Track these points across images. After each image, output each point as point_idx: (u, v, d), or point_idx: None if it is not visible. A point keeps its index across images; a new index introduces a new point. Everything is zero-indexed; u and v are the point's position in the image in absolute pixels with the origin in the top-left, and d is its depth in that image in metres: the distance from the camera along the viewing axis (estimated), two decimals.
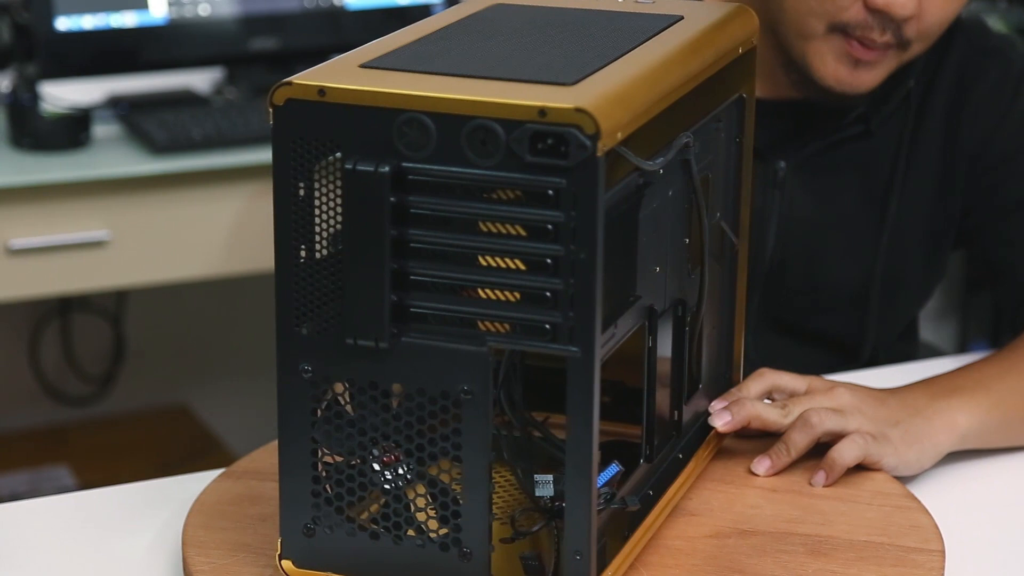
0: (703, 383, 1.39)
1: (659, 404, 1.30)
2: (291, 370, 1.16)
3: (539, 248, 1.10)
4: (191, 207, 2.58)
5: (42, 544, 1.34)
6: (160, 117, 2.62)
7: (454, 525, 1.15)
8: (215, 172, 2.56)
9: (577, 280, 1.09)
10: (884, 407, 1.42)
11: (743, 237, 1.41)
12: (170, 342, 3.20)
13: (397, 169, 1.11)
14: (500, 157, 1.09)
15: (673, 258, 1.29)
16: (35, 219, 2.51)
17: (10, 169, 2.50)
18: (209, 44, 2.73)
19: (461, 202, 1.11)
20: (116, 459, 3.03)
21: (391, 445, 1.15)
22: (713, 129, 1.34)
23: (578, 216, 1.08)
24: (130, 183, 2.54)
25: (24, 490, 2.91)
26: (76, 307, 3.10)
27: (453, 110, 1.09)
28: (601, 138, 1.07)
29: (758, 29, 1.38)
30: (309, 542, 1.19)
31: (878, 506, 1.34)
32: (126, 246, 2.56)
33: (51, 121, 2.56)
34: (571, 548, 1.13)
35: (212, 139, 2.58)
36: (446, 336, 1.13)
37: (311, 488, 1.18)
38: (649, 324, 1.25)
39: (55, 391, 3.12)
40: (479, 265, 1.12)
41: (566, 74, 1.14)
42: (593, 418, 1.11)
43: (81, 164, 2.53)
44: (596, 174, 1.07)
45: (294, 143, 1.14)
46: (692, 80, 1.25)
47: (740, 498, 1.35)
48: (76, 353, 3.13)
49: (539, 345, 1.11)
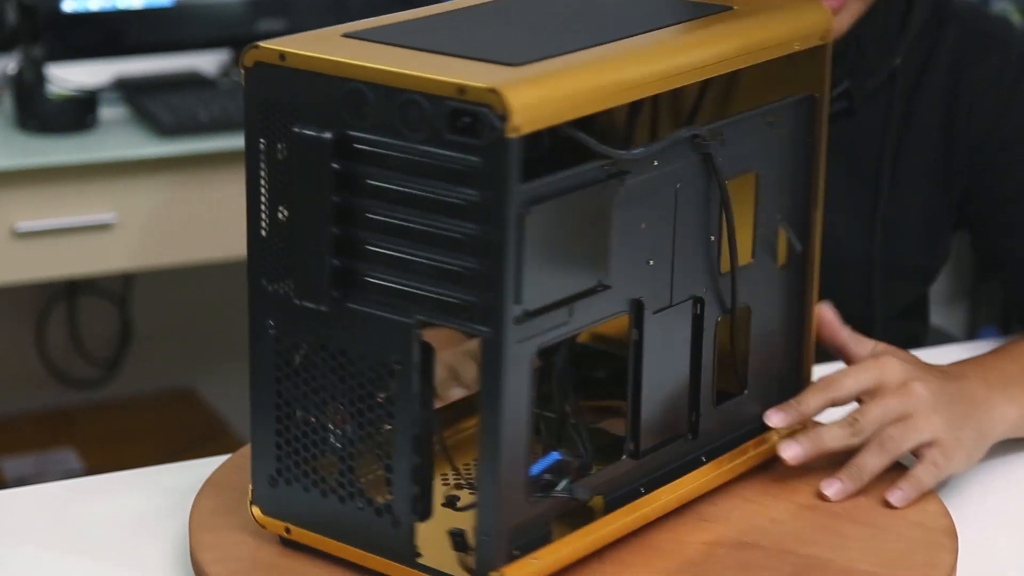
0: (750, 388, 1.34)
1: (664, 401, 1.27)
2: (259, 325, 1.21)
3: (456, 226, 1.11)
4: (198, 190, 2.58)
5: (49, 528, 1.33)
6: (167, 99, 2.61)
7: (386, 492, 1.17)
8: (222, 155, 2.56)
9: (489, 261, 1.10)
10: (956, 404, 1.37)
11: (814, 242, 1.35)
12: (177, 325, 3.19)
13: (342, 137, 1.14)
14: (426, 132, 1.11)
15: (686, 254, 1.26)
16: (41, 202, 2.50)
17: (16, 151, 2.49)
18: (216, 26, 2.72)
19: (395, 174, 1.13)
20: (123, 443, 3.02)
21: (339, 407, 1.18)
22: (765, 126, 1.29)
23: (491, 196, 1.09)
24: (137, 166, 2.53)
25: (31, 474, 2.91)
26: (83, 290, 3.09)
27: (389, 82, 1.11)
28: (511, 119, 1.07)
29: (829, 25, 1.32)
30: (274, 492, 1.23)
31: (909, 538, 1.28)
32: (133, 229, 2.55)
33: (57, 103, 2.55)
34: (480, 529, 1.14)
35: (219, 121, 2.57)
36: (382, 306, 1.15)
37: (275, 440, 1.22)
38: (636, 317, 1.23)
39: (62, 374, 3.12)
40: (410, 238, 1.13)
41: (523, 55, 1.14)
42: (502, 400, 1.11)
43: (87, 146, 2.52)
44: (507, 155, 1.07)
45: (260, 106, 1.17)
46: (697, 71, 1.22)
47: (767, 509, 1.31)
48: (83, 336, 3.12)
49: (457, 323, 1.12)
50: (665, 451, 1.28)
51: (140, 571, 1.27)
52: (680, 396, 1.28)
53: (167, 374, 3.20)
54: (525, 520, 1.17)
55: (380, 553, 1.19)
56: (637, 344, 1.23)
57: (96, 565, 1.28)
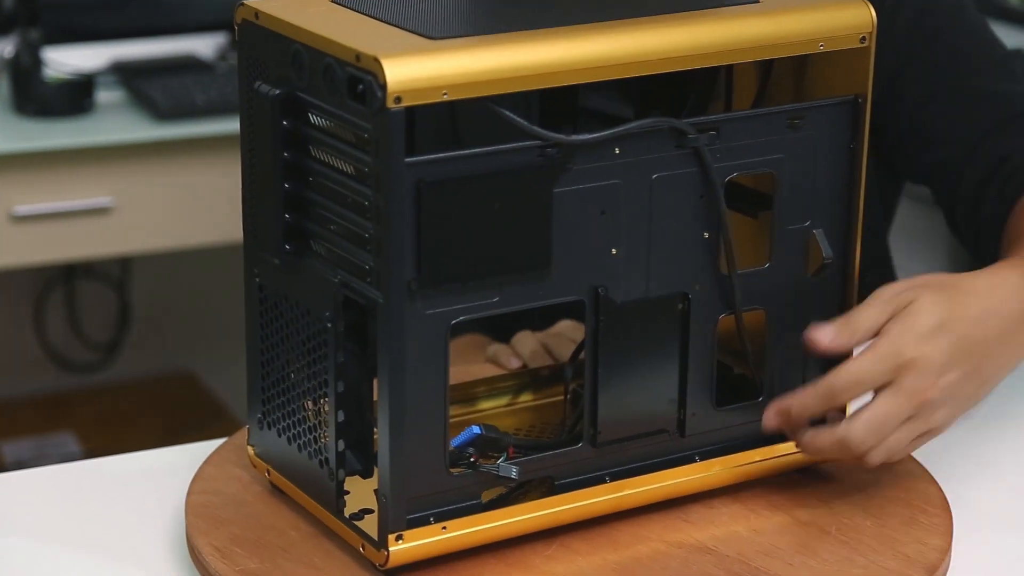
0: (765, 395, 1.29)
1: (637, 394, 1.25)
2: (249, 272, 1.26)
3: (360, 190, 1.14)
4: (195, 173, 2.58)
5: (48, 512, 1.33)
6: (163, 83, 2.61)
7: (323, 447, 1.21)
8: (219, 138, 2.55)
9: (381, 227, 1.12)
10: (970, 356, 1.27)
11: (851, 251, 1.30)
12: (175, 309, 3.19)
13: (290, 95, 1.18)
14: (339, 97, 1.13)
15: (668, 247, 1.23)
16: (39, 186, 2.50)
17: (13, 135, 2.49)
18: (212, 9, 2.72)
19: (324, 136, 1.17)
20: (122, 426, 3.03)
21: (297, 358, 1.22)
22: (785, 126, 1.25)
23: (380, 163, 1.11)
24: (134, 149, 2.53)
25: (29, 457, 2.91)
26: (81, 274, 3.09)
27: (316, 46, 1.15)
28: (389, 89, 1.08)
29: (871, 26, 1.26)
30: (260, 434, 1.28)
31: (879, 569, 1.22)
32: (130, 212, 2.55)
33: (54, 87, 2.55)
34: (381, 491, 1.17)
35: (216, 105, 2.57)
36: (321, 263, 1.19)
37: (260, 385, 1.27)
38: (593, 305, 1.21)
39: (60, 358, 3.12)
40: (335, 200, 1.17)
41: (454, 31, 1.16)
42: (393, 367, 1.13)
43: (84, 130, 2.52)
44: (390, 124, 1.09)
45: (245, 62, 1.22)
46: (673, 60, 1.19)
47: (756, 519, 1.27)
48: (81, 320, 3.12)
49: (363, 287, 1.15)
50: (640, 444, 1.26)
51: (139, 555, 1.27)
52: (661, 391, 1.26)
53: (166, 357, 3.21)
54: (443, 490, 1.18)
55: (322, 503, 1.22)
56: (595, 331, 1.22)
57: (95, 548, 1.28)
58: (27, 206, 2.50)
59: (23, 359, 3.11)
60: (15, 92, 2.55)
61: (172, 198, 2.57)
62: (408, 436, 1.16)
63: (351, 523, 1.20)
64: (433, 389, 1.16)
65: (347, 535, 1.20)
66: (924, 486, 1.33)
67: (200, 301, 3.20)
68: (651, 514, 1.27)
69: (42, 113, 2.54)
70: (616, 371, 1.23)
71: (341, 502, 1.21)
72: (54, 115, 2.54)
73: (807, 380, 1.29)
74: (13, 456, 2.93)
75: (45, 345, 3.11)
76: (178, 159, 2.56)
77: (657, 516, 1.27)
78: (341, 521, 1.21)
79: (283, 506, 1.27)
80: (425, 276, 1.14)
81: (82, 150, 2.50)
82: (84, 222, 2.54)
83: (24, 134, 2.50)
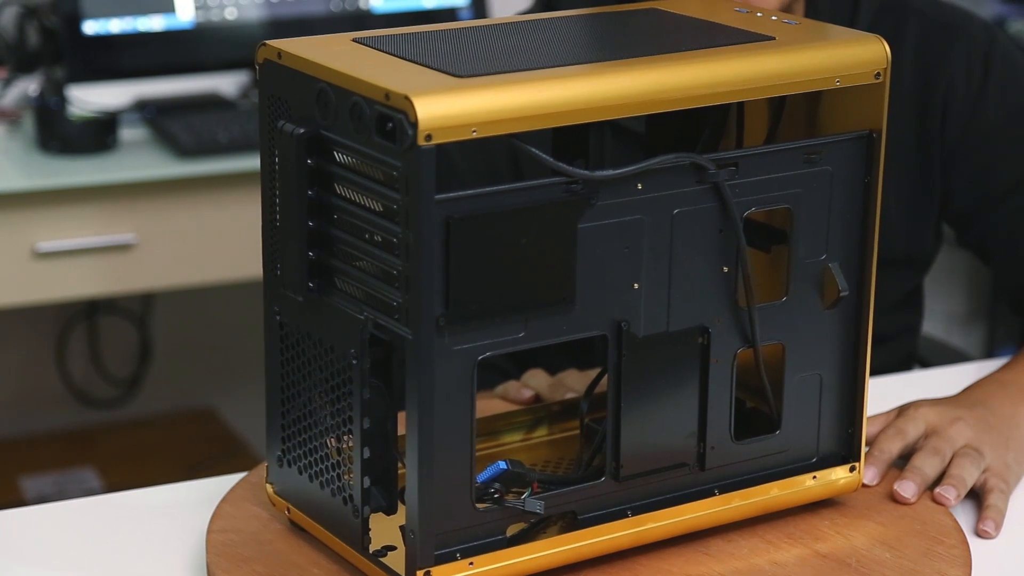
0: (784, 428, 1.30)
1: (658, 428, 1.25)
2: (269, 309, 1.26)
3: (388, 227, 1.15)
4: (217, 210, 2.59)
5: (69, 546, 1.34)
6: (186, 120, 2.62)
7: (346, 483, 1.21)
8: (241, 175, 2.57)
9: (409, 264, 1.13)
10: (992, 430, 1.41)
11: (866, 285, 1.30)
12: (196, 345, 3.20)
13: (316, 134, 1.18)
14: (367, 135, 1.14)
15: (689, 282, 1.24)
16: (62, 222, 2.51)
17: (37, 172, 2.51)
18: (235, 47, 2.74)
19: (351, 174, 1.17)
20: (142, 461, 3.03)
21: (320, 395, 1.22)
22: (801, 161, 1.26)
23: (409, 201, 1.12)
24: (157, 186, 2.54)
25: (51, 492, 2.91)
26: (103, 310, 3.10)
27: (343, 84, 1.15)
28: (420, 127, 1.09)
29: (884, 62, 1.27)
30: (281, 472, 1.28)
31: None
32: (153, 249, 2.56)
33: (78, 124, 2.57)
34: (408, 527, 1.17)
35: (238, 142, 2.58)
36: (346, 300, 1.19)
37: (280, 422, 1.27)
38: (616, 339, 1.22)
39: (82, 394, 3.13)
40: (361, 238, 1.17)
41: (480, 69, 1.16)
42: (422, 402, 1.14)
43: (108, 167, 2.53)
44: (419, 161, 1.10)
45: (267, 101, 1.23)
46: (694, 98, 1.20)
47: (777, 552, 1.28)
48: (103, 356, 3.13)
49: (391, 323, 1.15)
50: (661, 478, 1.26)
51: None
52: (681, 425, 1.26)
53: (186, 393, 3.21)
54: (470, 525, 1.18)
55: (345, 540, 1.22)
56: (617, 366, 1.23)
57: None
58: (51, 242, 2.51)
59: (45, 394, 3.12)
60: (40, 130, 2.57)
61: (195, 235, 2.58)
62: (437, 471, 1.16)
63: (377, 560, 1.20)
64: (461, 424, 1.16)
65: (372, 572, 1.20)
66: (940, 518, 1.34)
67: (221, 337, 3.21)
68: (671, 548, 1.27)
69: (66, 150, 2.55)
70: (638, 405, 1.24)
71: (366, 539, 1.21)
72: (78, 152, 2.55)
73: (822, 413, 1.31)
74: (35, 491, 2.93)
75: (67, 381, 3.12)
76: (201, 196, 2.57)
77: (677, 549, 1.27)
78: (366, 558, 1.20)
79: (304, 543, 1.27)
80: (453, 312, 1.14)
81: (106, 187, 2.51)
82: (107, 258, 2.55)
83: (48, 171, 2.51)
